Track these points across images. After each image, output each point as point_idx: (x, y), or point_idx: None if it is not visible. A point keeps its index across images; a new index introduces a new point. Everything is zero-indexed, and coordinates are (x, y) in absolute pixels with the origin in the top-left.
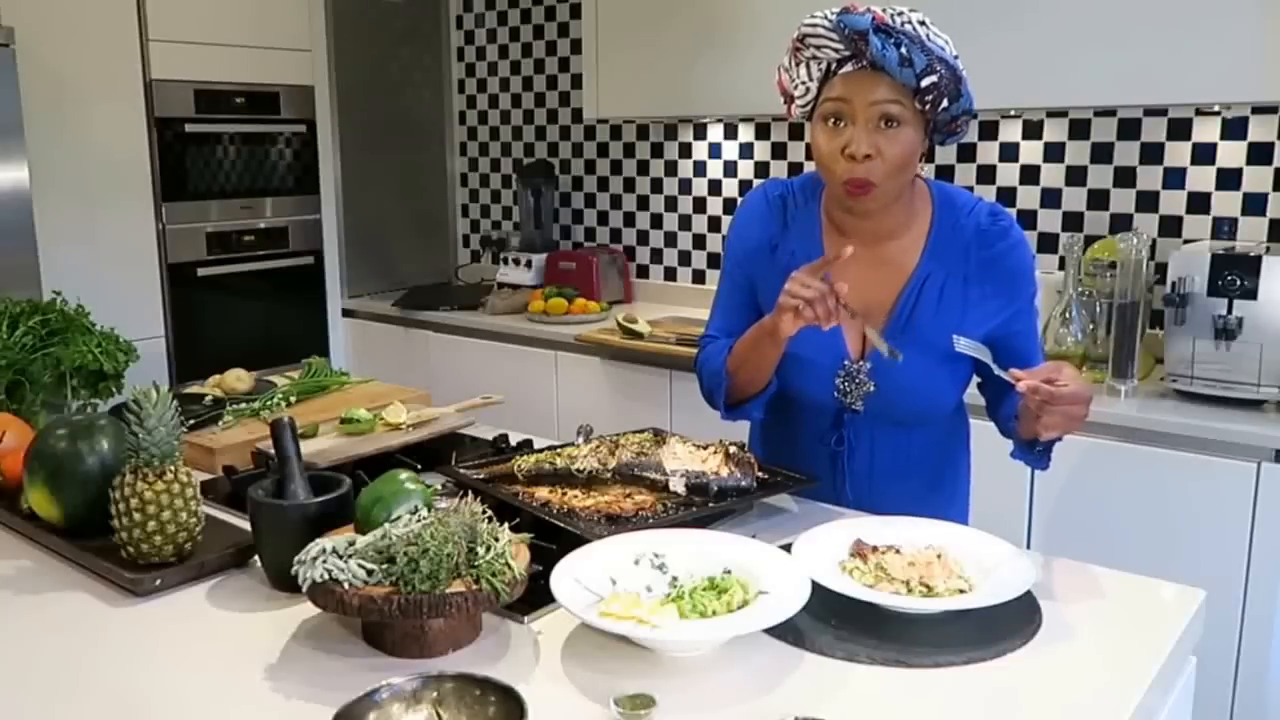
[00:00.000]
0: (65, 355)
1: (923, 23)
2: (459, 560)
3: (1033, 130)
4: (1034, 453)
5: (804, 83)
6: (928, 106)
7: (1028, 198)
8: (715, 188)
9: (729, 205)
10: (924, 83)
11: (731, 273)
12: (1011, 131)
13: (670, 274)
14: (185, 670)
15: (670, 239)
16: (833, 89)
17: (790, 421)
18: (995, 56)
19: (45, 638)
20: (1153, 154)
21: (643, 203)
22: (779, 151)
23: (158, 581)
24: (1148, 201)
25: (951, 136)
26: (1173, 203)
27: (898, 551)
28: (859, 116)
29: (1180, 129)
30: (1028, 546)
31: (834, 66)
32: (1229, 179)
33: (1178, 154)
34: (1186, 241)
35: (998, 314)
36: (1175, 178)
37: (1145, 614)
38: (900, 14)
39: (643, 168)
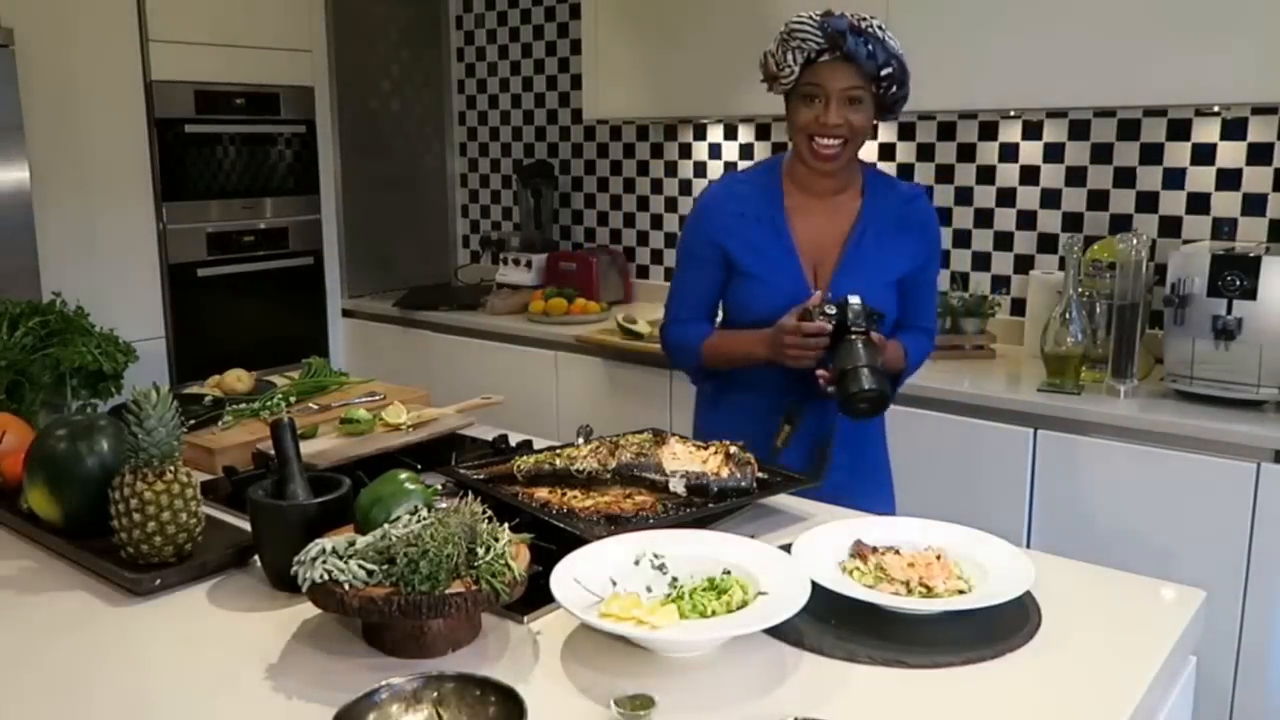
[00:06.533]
0: (65, 356)
1: (882, 27)
2: (459, 560)
3: (1033, 130)
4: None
5: (789, 66)
6: (882, 90)
7: (1028, 198)
8: None
9: None
10: (883, 72)
11: (698, 254)
12: (1011, 131)
13: (670, 274)
14: (185, 670)
15: (670, 239)
16: (813, 74)
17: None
18: (995, 56)
19: (45, 638)
20: (1153, 154)
21: (643, 203)
22: (778, 151)
23: (158, 581)
24: (1147, 202)
25: (890, 115)
26: (1172, 203)
27: (897, 552)
28: (832, 97)
29: (1180, 129)
30: (1028, 546)
31: (814, 55)
32: (1229, 179)
33: (1177, 154)
34: (1186, 242)
35: (915, 259)
36: (1175, 178)
37: (1145, 614)
38: (865, 20)
39: (643, 168)
